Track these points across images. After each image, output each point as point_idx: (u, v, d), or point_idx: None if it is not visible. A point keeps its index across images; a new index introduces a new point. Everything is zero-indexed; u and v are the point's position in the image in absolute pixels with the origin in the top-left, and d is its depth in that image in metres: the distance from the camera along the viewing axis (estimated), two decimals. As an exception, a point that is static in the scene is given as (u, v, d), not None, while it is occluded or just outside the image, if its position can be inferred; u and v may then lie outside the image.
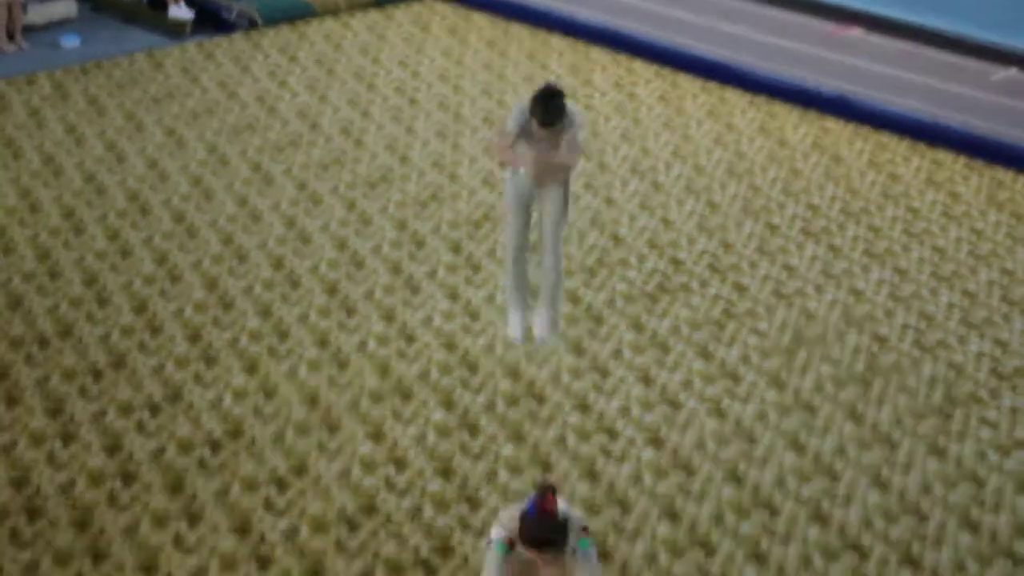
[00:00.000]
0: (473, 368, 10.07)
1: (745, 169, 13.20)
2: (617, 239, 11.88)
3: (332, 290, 10.94)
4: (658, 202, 12.50)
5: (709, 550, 8.46)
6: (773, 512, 8.75)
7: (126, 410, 9.43)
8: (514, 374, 10.00)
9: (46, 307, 10.52)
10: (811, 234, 12.16)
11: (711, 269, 11.49)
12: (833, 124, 14.25)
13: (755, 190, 12.81)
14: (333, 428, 9.37)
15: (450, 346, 10.32)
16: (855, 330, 10.76)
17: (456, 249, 11.59)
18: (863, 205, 12.67)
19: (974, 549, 8.51)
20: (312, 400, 9.64)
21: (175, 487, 8.74)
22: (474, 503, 8.73)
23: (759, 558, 8.37)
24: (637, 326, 10.62)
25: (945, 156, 13.64)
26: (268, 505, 8.65)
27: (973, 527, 8.69)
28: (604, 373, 10.04)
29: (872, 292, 11.31)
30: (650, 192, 12.67)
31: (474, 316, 10.69)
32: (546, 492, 6.25)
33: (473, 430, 9.41)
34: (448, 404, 9.67)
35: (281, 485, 8.82)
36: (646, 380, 9.97)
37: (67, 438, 9.14)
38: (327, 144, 13.34)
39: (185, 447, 9.12)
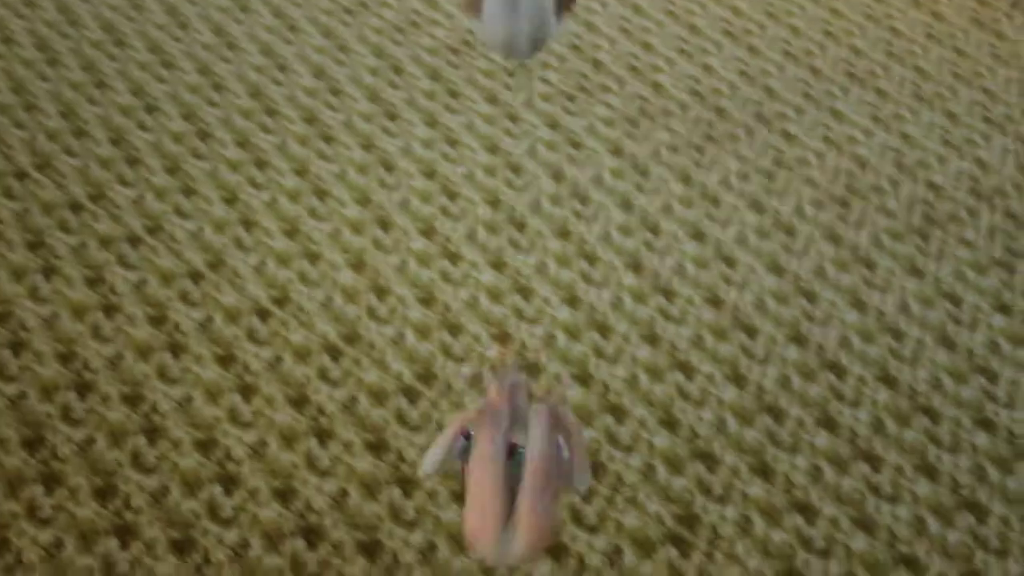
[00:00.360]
0: (453, 197, 10.07)
1: (725, -10, 13.08)
2: (597, 64, 11.79)
3: (311, 119, 10.88)
4: (639, 26, 12.38)
5: (688, 372, 8.55)
6: (751, 335, 8.82)
7: (107, 243, 9.44)
8: (494, 202, 10.00)
9: (23, 140, 10.46)
10: (791, 56, 12.07)
11: (692, 93, 11.44)
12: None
13: (736, 12, 12.68)
14: (314, 258, 9.40)
15: (430, 174, 10.30)
16: (835, 152, 10.74)
17: (435, 76, 11.50)
18: (845, 27, 12.56)
19: (951, 366, 8.61)
20: (292, 230, 9.65)
21: (158, 319, 8.79)
22: (455, 330, 8.79)
23: (738, 379, 8.46)
24: (617, 151, 10.59)
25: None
26: (251, 335, 8.71)
27: (950, 345, 8.79)
28: (584, 200, 10.04)
29: (853, 113, 11.27)
30: (631, 15, 12.55)
31: (453, 144, 10.65)
32: None
33: (454, 258, 9.44)
34: (428, 233, 9.69)
35: (263, 315, 8.87)
36: (626, 205, 9.99)
37: (49, 272, 9.16)
38: (303, -29, 13.16)
39: (167, 279, 9.15)
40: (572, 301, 9.05)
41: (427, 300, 9.04)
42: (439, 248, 9.53)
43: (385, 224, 9.74)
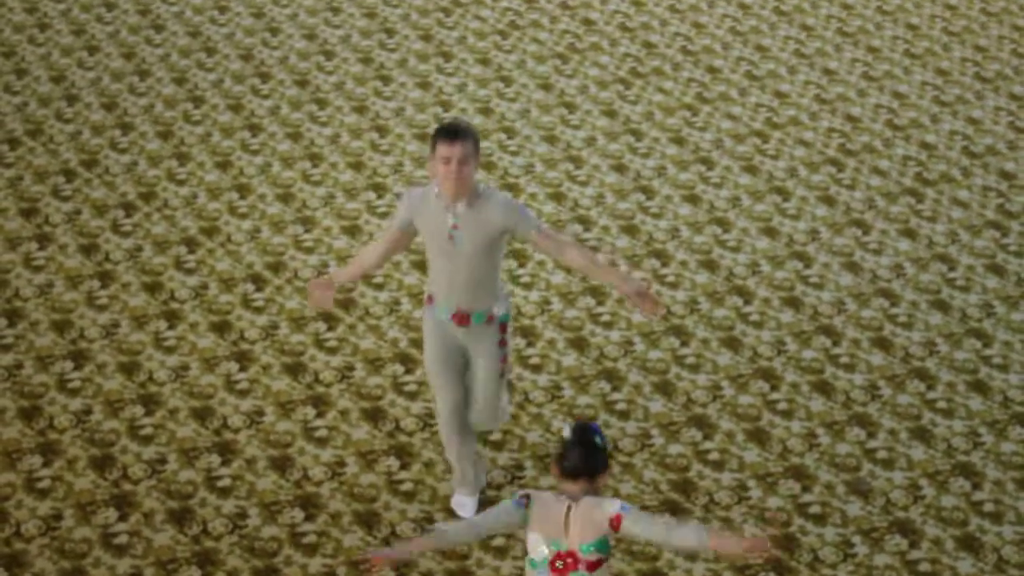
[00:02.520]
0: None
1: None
2: (589, 23, 11.77)
3: (303, 82, 10.88)
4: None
5: (684, 337, 8.62)
6: (747, 299, 8.85)
7: (101, 209, 9.44)
8: (488, 166, 10.02)
9: (15, 106, 10.43)
10: (784, 14, 12.06)
11: (684, 52, 11.43)
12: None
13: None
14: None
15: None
16: (828, 111, 10.75)
17: (427, 37, 11.50)
18: (837, -17, 12.56)
19: (945, 328, 8.64)
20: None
21: (153, 287, 8.81)
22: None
23: (732, 342, 8.49)
24: (609, 112, 10.60)
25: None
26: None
27: (944, 307, 8.81)
28: (578, 162, 10.06)
29: (845, 72, 11.27)
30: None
31: (445, 107, 10.66)
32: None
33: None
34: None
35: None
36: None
37: (43, 239, 9.17)
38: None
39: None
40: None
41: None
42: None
43: (378, 189, 9.74)
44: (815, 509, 7.39)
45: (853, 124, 10.61)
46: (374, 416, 7.89)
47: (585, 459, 5.40)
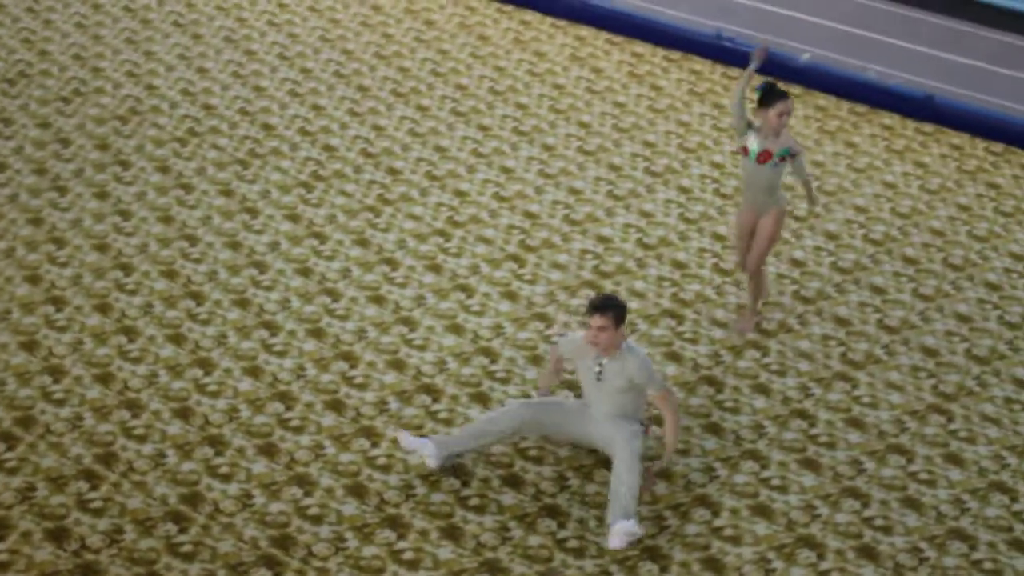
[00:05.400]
0: (127, 270, 9.71)
1: (394, 52, 12.68)
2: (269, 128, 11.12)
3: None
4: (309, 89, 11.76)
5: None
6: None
7: None
8: (170, 273, 9.63)
9: None
10: (461, 115, 11.91)
11: (364, 155, 10.94)
12: (478, 3, 13.80)
13: (404, 72, 12.34)
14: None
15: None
16: (508, 208, 10.45)
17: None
18: (511, 84, 12.37)
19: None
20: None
21: None
22: (136, 408, 8.50)
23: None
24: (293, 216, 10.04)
25: (588, 32, 13.43)
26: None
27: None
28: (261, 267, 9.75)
29: (522, 171, 11.02)
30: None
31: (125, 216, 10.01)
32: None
33: (130, 333, 9.13)
34: (103, 309, 9.34)
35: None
36: (305, 271, 9.32)
37: None
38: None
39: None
40: (253, 371, 8.89)
41: (104, 378, 8.69)
42: (114, 323, 9.16)
43: (57, 302, 9.31)
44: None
45: (532, 220, 10.59)
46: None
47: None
